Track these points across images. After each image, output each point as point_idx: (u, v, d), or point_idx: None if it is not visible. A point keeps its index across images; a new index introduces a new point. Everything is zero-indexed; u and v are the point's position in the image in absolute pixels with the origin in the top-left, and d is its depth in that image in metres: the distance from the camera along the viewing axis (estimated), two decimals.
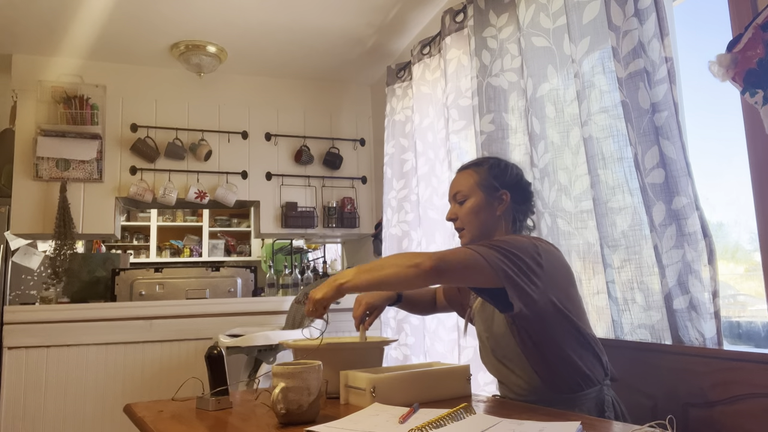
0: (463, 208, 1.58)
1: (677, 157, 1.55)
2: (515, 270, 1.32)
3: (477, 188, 1.57)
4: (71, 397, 3.04)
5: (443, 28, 2.70)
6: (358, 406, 1.28)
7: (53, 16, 3.03)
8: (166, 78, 3.72)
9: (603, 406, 1.36)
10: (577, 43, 1.86)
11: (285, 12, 3.06)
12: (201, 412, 1.29)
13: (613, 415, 1.36)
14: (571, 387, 1.36)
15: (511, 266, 1.32)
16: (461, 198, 1.58)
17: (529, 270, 1.33)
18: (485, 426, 1.04)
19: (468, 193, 1.58)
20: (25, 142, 3.39)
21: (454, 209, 1.61)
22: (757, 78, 1.32)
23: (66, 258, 3.29)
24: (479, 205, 1.56)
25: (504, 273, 1.30)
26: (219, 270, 3.64)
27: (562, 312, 1.36)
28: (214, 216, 6.22)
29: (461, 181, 1.60)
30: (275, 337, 2.80)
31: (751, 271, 1.76)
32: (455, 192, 1.61)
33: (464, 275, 1.33)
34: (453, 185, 1.63)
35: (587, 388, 1.36)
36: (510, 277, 1.31)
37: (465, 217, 1.57)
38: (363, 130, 4.12)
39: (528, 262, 1.34)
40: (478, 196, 1.56)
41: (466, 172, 1.62)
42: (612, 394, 1.41)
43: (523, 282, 1.32)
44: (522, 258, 1.33)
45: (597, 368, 1.40)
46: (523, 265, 1.33)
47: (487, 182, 1.57)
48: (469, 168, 1.62)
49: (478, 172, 1.59)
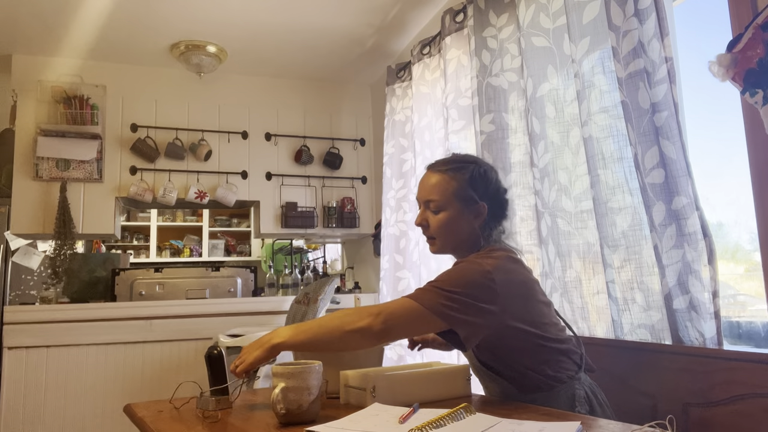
0: (436, 219, 1.45)
1: (677, 157, 1.55)
2: (459, 308, 1.26)
3: (454, 199, 1.44)
4: (71, 397, 3.04)
5: (443, 28, 2.70)
6: (358, 406, 1.28)
7: (53, 16, 3.03)
8: (166, 78, 3.72)
9: (574, 401, 1.35)
10: (577, 43, 1.86)
11: (285, 12, 3.06)
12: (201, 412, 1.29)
13: (587, 409, 1.34)
14: (540, 388, 1.36)
15: (454, 306, 1.26)
16: (435, 207, 1.45)
17: (478, 301, 1.27)
18: (485, 426, 1.04)
19: (443, 204, 1.44)
20: (25, 142, 3.39)
21: (424, 215, 1.48)
22: (757, 78, 1.32)
23: (66, 258, 3.29)
24: (455, 219, 1.44)
25: (448, 316, 1.26)
26: (219, 270, 3.64)
27: (522, 329, 1.33)
28: (214, 216, 6.22)
29: (435, 188, 1.45)
30: None
31: (751, 271, 1.76)
32: (428, 199, 1.46)
33: (411, 329, 1.30)
34: (425, 188, 1.48)
35: (556, 386, 1.36)
36: (455, 318, 1.26)
37: (438, 229, 1.46)
38: (363, 130, 4.12)
39: (476, 295, 1.28)
40: (454, 208, 1.44)
41: (442, 177, 1.46)
42: (587, 386, 1.39)
43: (472, 317, 1.27)
44: (467, 293, 1.27)
45: (567, 367, 1.38)
46: (470, 300, 1.27)
47: (466, 193, 1.43)
48: (446, 172, 1.46)
49: (456, 180, 1.44)
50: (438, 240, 1.48)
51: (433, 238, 1.49)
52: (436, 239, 1.48)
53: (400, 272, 3.09)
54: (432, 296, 1.28)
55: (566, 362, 1.39)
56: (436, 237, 1.47)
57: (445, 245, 1.48)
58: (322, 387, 1.21)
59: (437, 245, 1.49)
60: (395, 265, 3.12)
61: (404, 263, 3.07)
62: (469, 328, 1.28)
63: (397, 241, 3.13)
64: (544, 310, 1.40)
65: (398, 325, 1.27)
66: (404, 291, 3.02)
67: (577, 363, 1.41)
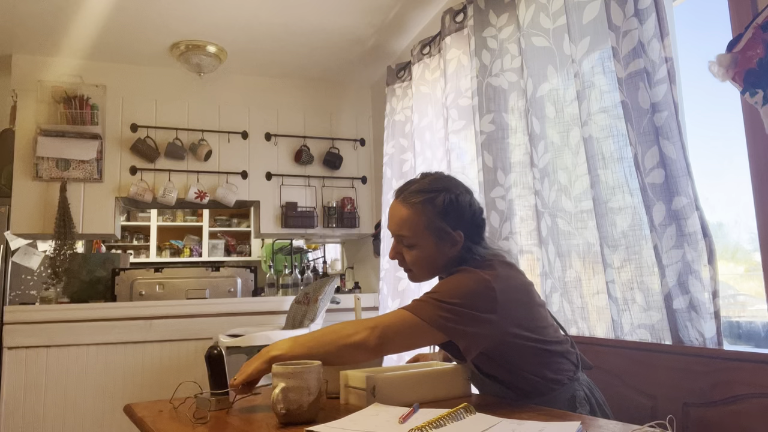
0: (410, 255, 1.40)
1: (677, 157, 1.55)
2: (459, 319, 1.25)
3: (425, 233, 1.37)
4: (71, 397, 3.04)
5: (443, 28, 2.70)
6: (358, 406, 1.28)
7: (53, 16, 3.03)
8: (166, 78, 3.72)
9: (574, 402, 1.34)
10: (577, 43, 1.86)
11: (285, 12, 3.06)
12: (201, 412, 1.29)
13: (587, 410, 1.34)
14: (541, 391, 1.35)
15: (453, 318, 1.24)
16: (407, 243, 1.40)
17: (478, 311, 1.26)
18: (485, 426, 1.04)
19: (415, 240, 1.38)
20: (25, 142, 3.39)
21: (398, 248, 1.42)
22: (757, 78, 1.32)
23: (66, 258, 3.29)
24: (429, 253, 1.39)
25: (447, 329, 1.24)
26: (219, 270, 3.64)
27: (521, 335, 1.32)
28: (214, 216, 6.22)
29: (405, 223, 1.38)
30: (275, 337, 2.80)
31: (751, 271, 1.76)
32: (398, 233, 1.40)
33: (408, 342, 1.28)
34: (395, 222, 1.40)
35: (556, 388, 1.35)
36: (455, 330, 1.25)
37: (414, 264, 1.41)
38: (363, 130, 4.12)
39: (475, 305, 1.26)
40: (427, 242, 1.38)
41: (411, 212, 1.37)
42: (585, 386, 1.39)
43: (471, 328, 1.26)
44: (467, 303, 1.25)
45: (565, 368, 1.37)
46: (469, 311, 1.25)
47: (438, 225, 1.37)
48: (415, 205, 1.37)
49: (425, 213, 1.36)
50: (415, 272, 1.44)
51: (409, 271, 1.45)
52: (412, 272, 1.45)
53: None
54: (430, 308, 1.27)
55: (565, 363, 1.38)
56: (412, 269, 1.44)
57: (423, 276, 1.45)
58: (322, 387, 1.21)
59: (415, 277, 1.46)
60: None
61: None
62: (468, 339, 1.27)
63: None
64: (542, 312, 1.40)
65: (395, 338, 1.26)
66: (404, 291, 3.02)
67: (574, 363, 1.40)
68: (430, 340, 1.28)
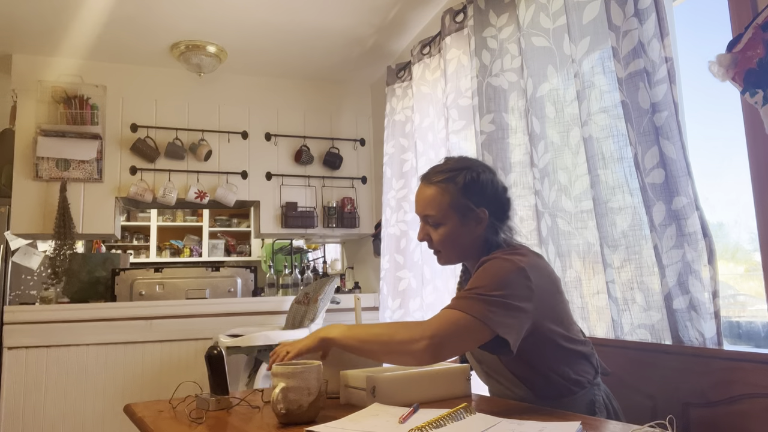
0: (437, 234, 1.42)
1: (677, 157, 1.55)
2: (510, 314, 1.23)
3: (450, 211, 1.40)
4: (71, 397, 3.04)
5: (443, 28, 2.70)
6: (358, 406, 1.28)
7: (53, 16, 3.03)
8: (166, 78, 3.72)
9: (594, 407, 1.34)
10: (577, 43, 1.86)
11: (285, 12, 3.06)
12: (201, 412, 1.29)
13: (605, 415, 1.34)
14: (561, 393, 1.34)
15: (505, 313, 1.23)
16: (433, 222, 1.42)
17: (517, 301, 1.25)
18: (485, 426, 1.04)
19: (440, 218, 1.40)
20: (25, 142, 3.39)
21: (425, 230, 1.45)
22: (757, 78, 1.32)
23: (66, 258, 3.29)
24: (455, 230, 1.40)
25: (501, 325, 1.22)
26: (219, 270, 3.64)
27: (549, 328, 1.32)
28: (214, 216, 6.22)
29: (430, 202, 1.41)
30: (275, 337, 2.80)
31: (751, 271, 1.76)
32: (425, 214, 1.43)
33: (463, 345, 1.25)
34: (421, 203, 1.44)
35: (577, 391, 1.34)
36: (508, 326, 1.23)
37: (441, 244, 1.42)
38: (363, 130, 4.12)
39: (515, 294, 1.25)
40: (452, 220, 1.40)
41: (434, 190, 1.41)
42: (603, 392, 1.39)
43: (519, 322, 1.25)
44: (507, 294, 1.24)
45: (587, 370, 1.37)
46: (510, 301, 1.24)
47: (461, 203, 1.39)
48: (438, 184, 1.41)
49: (448, 191, 1.40)
50: (443, 252, 1.45)
51: (437, 252, 1.46)
52: (441, 252, 1.45)
53: (400, 272, 3.08)
54: (477, 305, 1.23)
55: (586, 365, 1.37)
56: (441, 250, 1.44)
57: (451, 257, 1.45)
58: (322, 387, 1.21)
59: (443, 258, 1.46)
60: (396, 265, 3.12)
61: (405, 263, 3.07)
62: (515, 332, 1.24)
63: (398, 241, 3.13)
64: (568, 308, 1.40)
65: (450, 346, 1.23)
66: (405, 291, 3.02)
67: (594, 367, 1.39)
68: (481, 338, 1.24)
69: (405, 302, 2.98)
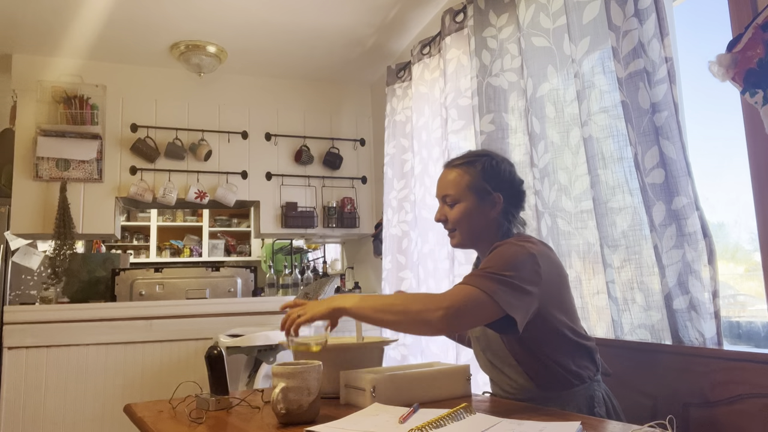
0: (453, 212, 1.49)
1: (677, 157, 1.55)
2: (518, 295, 1.27)
3: (468, 191, 1.48)
4: (71, 397, 3.04)
5: (443, 28, 2.70)
6: (358, 406, 1.28)
7: (53, 16, 3.03)
8: (166, 78, 3.72)
9: (593, 402, 1.35)
10: (577, 43, 1.86)
11: (285, 12, 3.06)
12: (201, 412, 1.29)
13: (604, 411, 1.35)
14: (561, 384, 1.36)
15: (513, 293, 1.27)
16: (451, 201, 1.50)
17: (526, 284, 1.29)
18: (485, 426, 1.04)
19: (458, 197, 1.49)
20: (25, 142, 3.39)
21: (443, 210, 1.53)
22: (757, 78, 1.32)
23: (66, 258, 3.29)
24: (471, 210, 1.48)
25: (509, 304, 1.26)
26: (219, 270, 3.64)
27: (555, 317, 1.35)
28: (214, 216, 6.22)
29: (450, 183, 1.50)
30: (275, 337, 2.80)
31: (751, 271, 1.76)
32: (444, 194, 1.51)
33: (474, 319, 1.29)
34: (441, 185, 1.53)
35: (577, 385, 1.36)
36: (515, 306, 1.27)
37: (456, 221, 1.49)
38: (363, 130, 4.12)
39: (524, 277, 1.30)
40: (469, 200, 1.48)
41: (455, 172, 1.51)
42: (603, 390, 1.40)
43: (526, 304, 1.29)
44: (517, 276, 1.29)
45: (588, 366, 1.39)
46: (520, 283, 1.28)
47: (479, 185, 1.47)
48: (459, 167, 1.51)
49: (468, 173, 1.49)
50: (458, 231, 1.50)
51: (453, 231, 1.52)
52: (456, 231, 1.51)
53: (402, 272, 3.08)
54: (491, 283, 1.27)
55: (587, 360, 1.40)
56: (456, 228, 1.50)
57: (464, 237, 1.50)
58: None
59: (457, 237, 1.51)
60: (398, 266, 3.12)
61: (407, 263, 3.07)
62: (522, 312, 1.28)
63: (400, 242, 3.13)
64: (574, 301, 1.44)
65: (464, 318, 1.27)
66: (406, 291, 3.02)
67: (596, 364, 1.42)
68: (491, 315, 1.27)
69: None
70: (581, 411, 1.33)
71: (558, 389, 1.36)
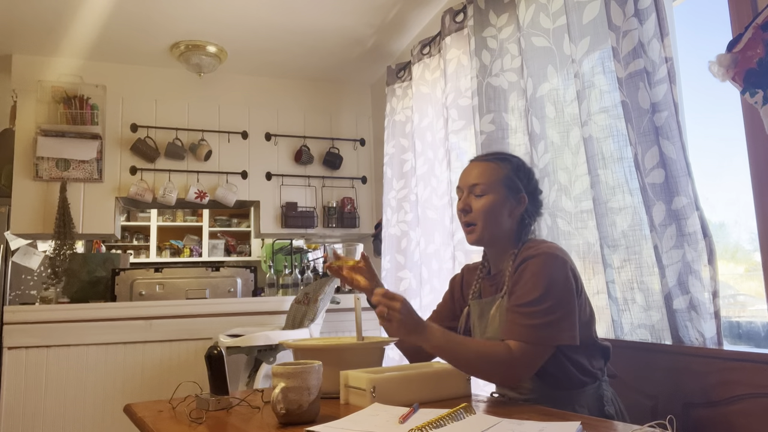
0: (479, 202, 1.46)
1: (677, 157, 1.55)
2: (565, 324, 1.30)
3: (500, 185, 1.46)
4: (71, 397, 3.04)
5: (443, 28, 2.70)
6: (358, 406, 1.28)
7: (53, 16, 3.03)
8: (166, 78, 3.72)
9: (603, 400, 1.36)
10: (577, 43, 1.86)
11: (285, 12, 3.06)
12: (201, 412, 1.29)
13: (614, 410, 1.36)
14: (572, 383, 1.36)
15: (560, 325, 1.29)
16: (480, 191, 1.46)
17: (568, 304, 1.32)
18: (485, 426, 1.04)
19: (489, 188, 1.46)
20: (25, 142, 3.39)
21: (468, 200, 1.48)
22: (757, 78, 1.32)
23: (66, 258, 3.29)
24: (499, 203, 1.45)
25: (562, 338, 1.29)
26: (219, 270, 3.64)
27: (581, 321, 1.36)
28: (214, 216, 6.22)
29: (483, 173, 1.47)
30: (275, 337, 2.80)
31: (751, 271, 1.76)
32: (474, 183, 1.47)
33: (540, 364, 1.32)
34: (471, 175, 1.49)
35: (588, 383, 1.36)
36: (567, 334, 1.30)
37: (480, 213, 1.45)
38: (363, 130, 4.12)
39: (565, 298, 1.31)
40: (499, 193, 1.46)
41: (489, 165, 1.49)
42: (611, 391, 1.41)
43: (572, 322, 1.31)
44: (560, 301, 1.31)
45: (598, 365, 1.40)
46: (565, 307, 1.31)
47: (513, 182, 1.47)
48: (494, 161, 1.50)
49: (503, 168, 1.48)
50: (478, 225, 1.47)
51: (472, 225, 1.48)
52: (476, 225, 1.47)
53: (401, 272, 3.08)
54: (540, 333, 1.29)
55: (601, 362, 1.41)
56: (477, 222, 1.46)
57: (484, 232, 1.46)
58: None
59: (476, 232, 1.47)
60: (397, 266, 3.12)
61: (406, 263, 3.07)
62: (573, 332, 1.31)
63: (399, 242, 3.13)
64: (589, 300, 1.44)
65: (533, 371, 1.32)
66: (406, 291, 3.01)
67: (604, 364, 1.43)
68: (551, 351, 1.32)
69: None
70: (591, 410, 1.33)
71: (569, 388, 1.36)
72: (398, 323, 1.27)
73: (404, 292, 3.03)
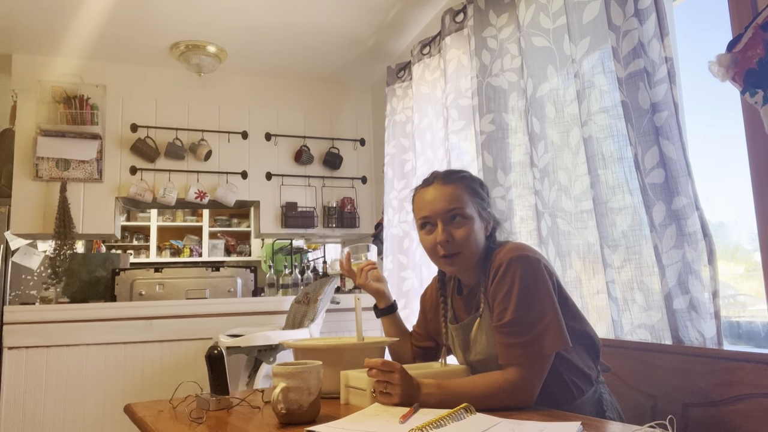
0: (461, 231, 1.35)
1: (677, 157, 1.55)
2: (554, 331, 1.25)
3: (473, 208, 1.38)
4: (71, 397, 3.04)
5: (443, 28, 2.70)
6: (358, 406, 1.28)
7: (53, 16, 3.03)
8: (166, 78, 3.72)
9: (602, 405, 1.34)
10: (577, 43, 1.86)
11: (285, 12, 3.06)
12: (201, 412, 1.29)
13: (615, 415, 1.35)
14: (573, 394, 1.33)
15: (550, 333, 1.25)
16: (460, 216, 1.36)
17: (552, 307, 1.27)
18: (485, 426, 1.04)
19: (468, 214, 1.37)
20: (25, 142, 3.39)
21: (447, 228, 1.36)
22: (757, 78, 1.32)
23: (66, 258, 3.29)
24: (477, 226, 1.38)
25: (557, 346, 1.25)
26: (219, 270, 3.64)
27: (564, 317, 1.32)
28: (214, 216, 6.22)
29: (454, 198, 1.37)
30: (275, 337, 2.80)
31: (751, 271, 1.76)
32: (449, 209, 1.36)
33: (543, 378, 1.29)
34: (446, 199, 1.37)
35: (586, 391, 1.34)
36: (561, 340, 1.26)
37: (464, 242, 1.35)
38: (363, 130, 4.12)
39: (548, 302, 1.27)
40: (474, 215, 1.38)
41: (456, 188, 1.39)
42: (608, 391, 1.39)
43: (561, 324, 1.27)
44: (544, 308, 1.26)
45: (590, 364, 1.37)
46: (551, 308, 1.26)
47: (479, 203, 1.41)
48: (459, 182, 1.40)
49: (468, 188, 1.40)
50: (462, 254, 1.37)
51: (454, 255, 1.37)
52: (460, 254, 1.37)
53: (404, 272, 3.08)
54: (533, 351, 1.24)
55: (595, 359, 1.38)
56: (462, 251, 1.36)
57: (468, 259, 1.38)
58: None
59: (459, 261, 1.38)
60: (399, 266, 3.12)
61: (408, 263, 3.07)
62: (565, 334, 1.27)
63: (401, 242, 3.13)
64: (568, 295, 1.39)
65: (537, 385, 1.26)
66: (409, 291, 3.01)
67: (597, 359, 1.39)
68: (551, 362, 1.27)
69: (409, 302, 2.97)
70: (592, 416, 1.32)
71: (570, 401, 1.32)
72: (399, 397, 1.19)
73: (407, 293, 3.03)
